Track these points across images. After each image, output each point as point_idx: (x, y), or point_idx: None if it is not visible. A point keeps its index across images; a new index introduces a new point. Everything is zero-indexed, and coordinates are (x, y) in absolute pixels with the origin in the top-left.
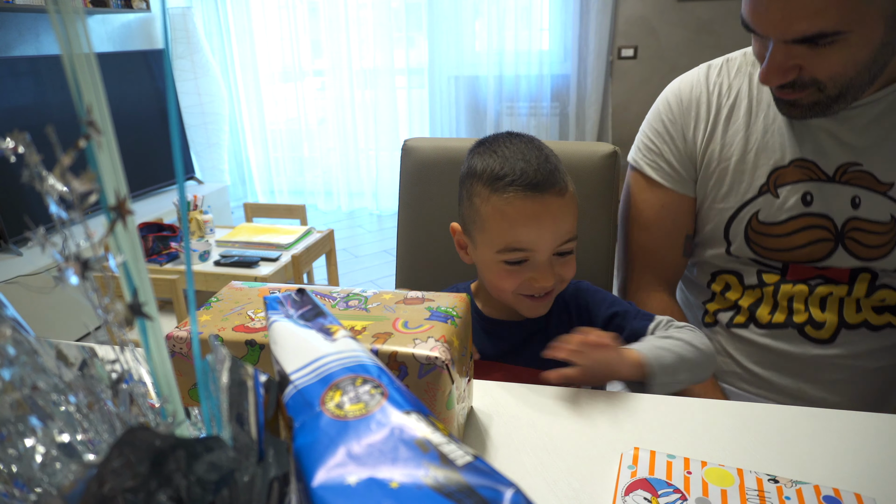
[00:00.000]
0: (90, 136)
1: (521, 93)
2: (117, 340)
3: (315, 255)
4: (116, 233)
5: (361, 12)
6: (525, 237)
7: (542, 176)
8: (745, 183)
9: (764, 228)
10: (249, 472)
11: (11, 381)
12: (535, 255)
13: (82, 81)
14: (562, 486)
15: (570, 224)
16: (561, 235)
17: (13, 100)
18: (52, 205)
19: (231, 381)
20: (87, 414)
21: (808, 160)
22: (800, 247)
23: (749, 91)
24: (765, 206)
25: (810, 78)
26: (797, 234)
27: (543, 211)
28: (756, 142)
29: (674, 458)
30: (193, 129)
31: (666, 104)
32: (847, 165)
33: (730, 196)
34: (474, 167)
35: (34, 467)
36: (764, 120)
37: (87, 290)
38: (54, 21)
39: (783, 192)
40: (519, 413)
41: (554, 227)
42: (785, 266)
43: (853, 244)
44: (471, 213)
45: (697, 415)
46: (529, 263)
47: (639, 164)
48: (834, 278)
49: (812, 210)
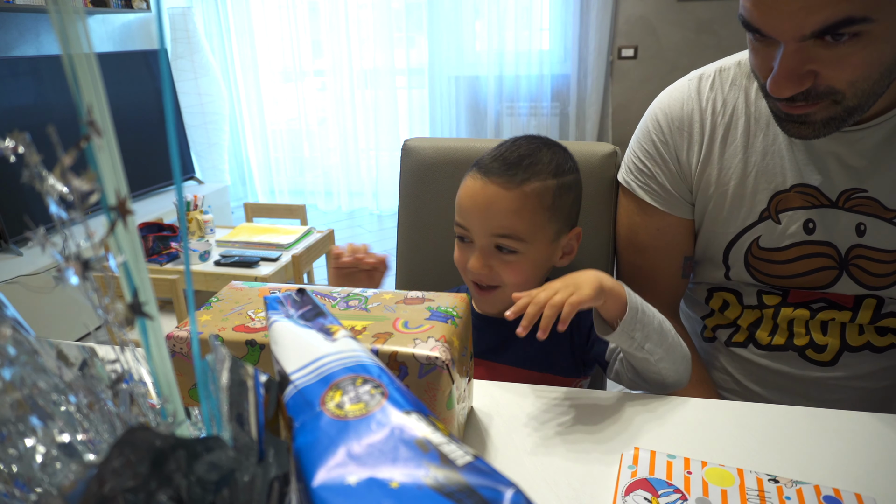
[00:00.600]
0: (90, 137)
1: (521, 93)
2: (117, 340)
3: (315, 255)
4: (117, 233)
5: (362, 12)
6: (463, 214)
7: (497, 165)
8: (744, 208)
9: (765, 255)
10: (249, 472)
11: (12, 381)
12: (472, 236)
13: (82, 81)
14: (562, 486)
15: (508, 220)
16: (492, 225)
17: (14, 100)
18: (52, 205)
19: (231, 381)
20: (87, 414)
21: (811, 185)
22: (802, 274)
23: (746, 108)
24: (766, 232)
25: (826, 87)
26: (799, 262)
27: (482, 195)
28: (755, 164)
29: (674, 458)
30: (194, 129)
31: (656, 123)
32: (851, 192)
33: (729, 221)
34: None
35: (34, 467)
36: (763, 140)
37: (87, 290)
38: (55, 21)
39: (785, 217)
40: (519, 413)
41: (486, 214)
42: (786, 290)
43: (858, 272)
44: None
45: (698, 415)
46: (472, 246)
47: (631, 187)
48: (838, 303)
49: (815, 238)
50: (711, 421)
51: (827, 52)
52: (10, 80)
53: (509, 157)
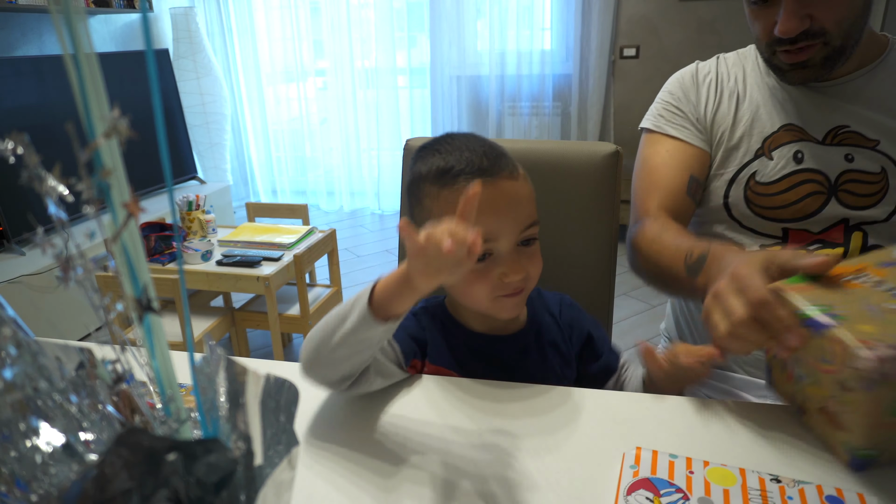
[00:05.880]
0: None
1: (522, 92)
2: (118, 340)
3: (317, 254)
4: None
5: (363, 12)
6: (485, 227)
7: (490, 161)
8: (742, 149)
9: (761, 189)
10: (249, 473)
11: (13, 382)
12: (499, 246)
13: (85, 81)
14: (564, 486)
15: (529, 207)
16: (522, 220)
17: (16, 100)
18: (52, 205)
19: (229, 382)
20: (87, 414)
21: (796, 125)
22: (794, 202)
23: (744, 78)
24: (761, 167)
25: (819, 27)
26: (791, 191)
27: (499, 195)
28: (751, 115)
29: (676, 457)
30: (195, 129)
31: (678, 85)
32: (836, 129)
33: (729, 160)
34: (419, 171)
35: (35, 467)
36: (749, 95)
37: (87, 291)
38: (56, 21)
39: (776, 154)
40: (519, 413)
41: (513, 212)
42: (784, 234)
43: (846, 195)
44: (423, 217)
45: (700, 415)
46: (494, 258)
47: (660, 127)
48: (831, 241)
49: (804, 166)
50: (714, 420)
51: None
52: (12, 79)
53: (488, 151)
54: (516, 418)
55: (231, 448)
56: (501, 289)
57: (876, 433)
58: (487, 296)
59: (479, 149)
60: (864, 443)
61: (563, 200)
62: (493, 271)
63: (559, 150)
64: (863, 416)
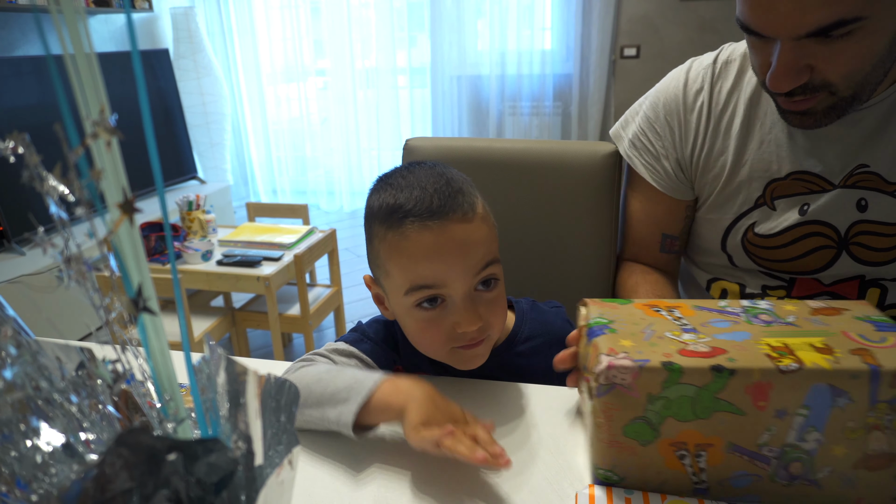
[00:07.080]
0: (97, 136)
1: (523, 92)
2: (118, 340)
3: (317, 254)
4: (119, 232)
5: (364, 12)
6: (430, 272)
7: (439, 201)
8: (741, 195)
9: (761, 241)
10: (250, 473)
11: (13, 382)
12: (449, 292)
13: (85, 81)
14: (564, 486)
15: (483, 249)
16: (474, 264)
17: (16, 99)
18: (52, 205)
19: (230, 382)
20: (87, 414)
21: (810, 172)
22: (800, 256)
23: (746, 99)
24: (761, 218)
25: (821, 80)
26: (796, 244)
27: (446, 241)
28: (752, 153)
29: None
30: (196, 129)
31: (661, 103)
32: (853, 169)
33: (725, 207)
34: (371, 206)
35: (35, 467)
36: (760, 130)
37: (87, 291)
38: (56, 21)
39: (780, 203)
40: (519, 413)
41: (464, 256)
42: (791, 281)
43: (859, 249)
44: (374, 259)
45: None
46: (447, 305)
47: (632, 161)
48: (842, 295)
49: (809, 218)
50: None
51: (822, 48)
52: (13, 79)
53: (442, 189)
54: (514, 417)
55: (231, 448)
56: (456, 339)
57: (609, 452)
58: (442, 346)
59: (432, 187)
60: (599, 460)
61: (563, 200)
62: (445, 320)
63: (559, 150)
64: (596, 428)
